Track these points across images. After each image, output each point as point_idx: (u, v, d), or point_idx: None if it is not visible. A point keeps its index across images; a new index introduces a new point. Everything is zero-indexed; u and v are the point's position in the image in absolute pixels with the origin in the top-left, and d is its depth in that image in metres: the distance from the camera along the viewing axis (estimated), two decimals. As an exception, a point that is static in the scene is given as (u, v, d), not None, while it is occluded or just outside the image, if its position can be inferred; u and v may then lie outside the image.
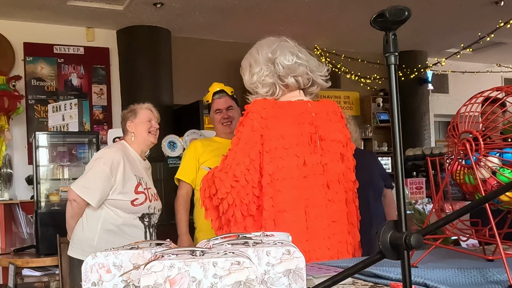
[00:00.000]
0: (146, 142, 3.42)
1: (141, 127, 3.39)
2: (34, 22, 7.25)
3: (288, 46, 2.25)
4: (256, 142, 2.10)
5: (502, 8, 7.36)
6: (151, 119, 3.43)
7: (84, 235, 3.26)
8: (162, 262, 0.97)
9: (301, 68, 2.23)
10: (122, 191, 3.22)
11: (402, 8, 0.98)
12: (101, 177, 3.20)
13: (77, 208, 3.27)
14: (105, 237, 3.21)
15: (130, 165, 3.30)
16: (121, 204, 3.23)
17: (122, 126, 3.49)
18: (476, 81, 10.12)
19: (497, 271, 1.37)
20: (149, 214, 3.32)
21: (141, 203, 3.26)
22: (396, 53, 1.00)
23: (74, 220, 3.31)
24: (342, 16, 7.60)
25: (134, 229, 3.26)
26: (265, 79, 2.23)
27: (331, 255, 2.12)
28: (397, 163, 0.98)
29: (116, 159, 3.23)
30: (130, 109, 3.48)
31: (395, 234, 0.99)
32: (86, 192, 3.22)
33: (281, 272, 1.13)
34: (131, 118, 3.41)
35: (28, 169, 6.42)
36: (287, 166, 2.11)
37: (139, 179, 3.30)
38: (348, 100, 9.92)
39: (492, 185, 1.41)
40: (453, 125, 1.49)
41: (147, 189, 3.33)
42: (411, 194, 5.96)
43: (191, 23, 7.64)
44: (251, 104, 2.18)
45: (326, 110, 2.28)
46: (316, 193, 2.16)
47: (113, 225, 3.23)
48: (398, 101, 1.00)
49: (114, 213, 3.24)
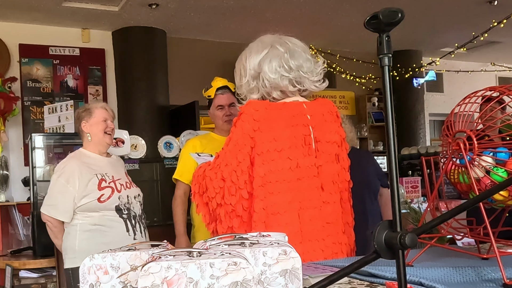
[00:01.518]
0: (102, 143, 3.35)
1: (96, 128, 3.33)
2: (29, 23, 7.24)
3: (277, 54, 2.21)
4: (245, 144, 2.11)
5: (495, 7, 7.40)
6: (107, 118, 3.36)
7: (66, 244, 3.25)
8: (160, 263, 0.98)
9: (286, 81, 2.20)
10: (85, 194, 3.18)
11: (395, 10, 0.99)
12: (60, 190, 3.19)
13: (54, 227, 3.26)
14: (85, 238, 3.19)
15: (87, 167, 3.25)
16: (88, 206, 3.18)
17: (77, 126, 3.42)
18: (470, 80, 10.16)
19: (491, 269, 1.38)
20: (124, 204, 3.26)
21: (109, 197, 3.20)
22: (390, 55, 1.01)
23: (58, 239, 3.30)
24: (337, 16, 7.61)
25: (112, 223, 3.20)
26: (251, 93, 2.25)
27: (325, 256, 2.11)
28: (392, 163, 0.99)
29: (69, 168, 3.22)
30: (84, 108, 3.41)
31: (390, 233, 1.00)
32: (52, 210, 3.21)
33: (277, 272, 1.14)
34: (85, 118, 3.34)
35: (25, 171, 6.39)
36: (280, 168, 2.11)
37: (101, 176, 3.24)
38: (344, 99, 9.95)
39: (486, 184, 1.42)
40: (447, 124, 1.50)
41: (113, 182, 3.27)
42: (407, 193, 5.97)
43: (187, 24, 7.64)
44: (245, 105, 2.19)
45: (322, 111, 2.27)
46: (310, 195, 2.16)
47: (90, 225, 3.20)
48: (392, 102, 1.01)
49: (87, 216, 3.20)
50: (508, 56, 10.35)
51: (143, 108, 7.49)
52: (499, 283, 1.30)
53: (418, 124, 9.83)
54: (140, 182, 4.85)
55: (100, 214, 3.20)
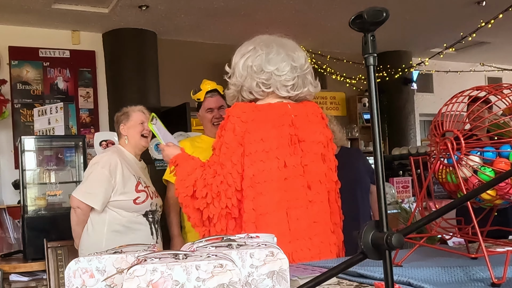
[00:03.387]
0: (139, 145, 3.45)
1: (133, 130, 3.41)
2: (19, 25, 7.20)
3: (267, 53, 2.23)
4: (238, 146, 2.12)
5: (484, 8, 7.45)
6: (144, 121, 3.42)
7: (91, 240, 3.27)
8: (145, 266, 0.97)
9: (274, 78, 2.22)
10: (123, 191, 3.24)
11: (380, 9, 0.98)
12: (101, 180, 3.22)
13: (82, 215, 3.27)
14: (112, 238, 3.21)
15: (127, 165, 3.32)
16: (124, 204, 3.25)
17: (116, 129, 3.50)
18: (460, 80, 10.20)
19: (480, 269, 1.38)
20: (152, 211, 3.35)
21: (143, 201, 3.28)
22: (374, 54, 1.01)
23: (80, 227, 3.32)
24: (327, 17, 7.62)
25: (140, 226, 3.29)
26: (242, 90, 2.28)
27: (312, 255, 2.12)
28: (377, 165, 0.99)
29: (113, 161, 3.26)
30: (123, 111, 3.49)
31: (377, 234, 0.99)
32: (89, 197, 3.23)
33: (264, 274, 1.14)
34: (124, 121, 3.43)
35: (15, 174, 6.36)
36: (268, 168, 2.13)
37: (137, 178, 3.32)
38: (334, 100, 9.96)
39: (474, 183, 1.42)
40: (435, 124, 1.50)
41: (147, 187, 3.36)
42: (398, 193, 5.99)
43: (177, 25, 7.63)
44: (232, 108, 2.20)
45: (306, 112, 2.28)
46: (297, 194, 2.17)
47: (119, 225, 3.25)
48: (377, 102, 1.00)
49: (118, 213, 3.26)
50: (497, 56, 10.41)
51: (134, 110, 7.45)
52: (487, 283, 1.30)
53: (409, 124, 9.86)
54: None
55: (132, 214, 3.27)
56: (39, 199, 4.64)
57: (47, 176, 4.79)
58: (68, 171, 4.92)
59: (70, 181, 4.83)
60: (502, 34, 8.76)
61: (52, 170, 4.84)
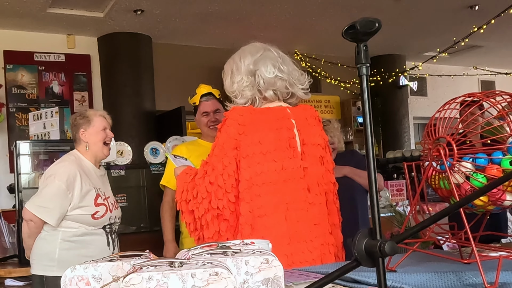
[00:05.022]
0: (100, 154, 3.24)
1: (95, 137, 3.20)
2: (14, 30, 7.20)
3: (271, 57, 2.27)
4: (231, 148, 2.14)
5: (476, 12, 7.52)
6: (106, 127, 3.24)
7: (43, 250, 3.13)
8: (141, 275, 0.98)
9: (281, 82, 2.25)
10: (81, 206, 3.08)
11: (372, 20, 1.00)
12: (57, 194, 3.04)
13: (34, 228, 3.12)
14: (66, 247, 3.09)
15: (86, 177, 3.13)
16: (81, 218, 3.10)
17: (74, 133, 3.25)
18: (453, 84, 10.26)
19: (472, 273, 1.39)
20: (110, 223, 3.20)
21: (102, 215, 3.12)
22: (367, 64, 1.02)
23: (32, 239, 3.17)
24: (321, 21, 7.65)
25: (96, 237, 3.14)
26: (244, 90, 2.26)
27: (313, 257, 2.14)
28: (370, 172, 1.00)
29: (71, 173, 3.07)
30: (82, 115, 3.26)
31: (370, 241, 1.01)
32: (44, 212, 3.07)
33: (259, 281, 1.15)
34: (84, 126, 3.20)
35: (10, 178, 6.36)
36: (265, 171, 2.14)
37: (97, 191, 3.15)
38: (329, 104, 9.98)
39: (466, 189, 1.43)
40: (428, 131, 1.51)
41: (106, 199, 3.19)
42: (392, 196, 6.00)
43: (172, 30, 7.64)
44: (230, 111, 2.21)
45: (305, 115, 2.31)
46: (297, 196, 2.18)
47: (74, 235, 3.11)
48: (370, 111, 1.02)
49: (73, 225, 3.11)
50: (490, 60, 10.47)
51: (129, 114, 7.46)
52: (479, 288, 1.31)
53: (403, 128, 9.90)
54: (127, 188, 4.86)
55: (87, 227, 3.12)
56: (34, 203, 4.62)
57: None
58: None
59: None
60: (494, 38, 8.81)
61: (47, 174, 4.83)
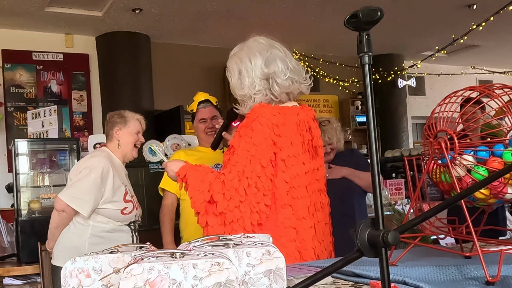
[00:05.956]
0: (129, 155, 3.35)
1: (128, 138, 3.32)
2: (12, 29, 7.19)
3: (280, 57, 2.14)
4: (269, 149, 2.02)
5: (474, 11, 7.52)
6: (139, 131, 3.36)
7: (72, 243, 3.19)
8: (142, 265, 0.97)
9: (294, 84, 2.14)
10: (112, 200, 3.18)
11: (374, 8, 0.99)
12: (92, 187, 3.12)
13: (66, 218, 3.19)
14: (95, 243, 3.15)
15: (117, 173, 3.24)
16: (111, 213, 3.19)
17: (108, 129, 3.36)
18: (451, 83, 10.26)
19: (474, 267, 1.39)
20: (134, 221, 3.31)
21: (130, 212, 3.24)
22: (370, 53, 1.01)
23: (59, 230, 3.23)
24: (319, 20, 7.65)
25: (122, 234, 3.24)
26: (257, 94, 2.12)
27: (327, 256, 2.17)
28: (373, 163, 1.00)
29: (105, 168, 3.17)
30: (120, 114, 3.36)
31: (373, 232, 1.00)
32: (78, 203, 3.13)
33: (261, 272, 1.14)
34: (119, 125, 3.31)
35: (8, 177, 6.35)
36: (300, 174, 2.09)
37: (126, 187, 3.26)
38: (327, 103, 9.99)
39: (467, 183, 1.43)
40: (428, 125, 1.51)
41: (133, 197, 3.30)
42: (391, 195, 5.98)
43: (171, 29, 7.63)
44: (259, 108, 2.06)
45: (310, 116, 2.26)
46: (316, 198, 2.19)
47: (103, 231, 3.20)
48: (373, 101, 1.01)
49: (103, 220, 3.20)
50: (488, 59, 10.49)
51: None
52: (481, 281, 1.31)
53: (401, 127, 9.90)
54: (126, 187, 4.84)
55: (115, 222, 3.22)
56: (33, 202, 4.62)
57: (40, 179, 4.77)
58: (62, 174, 4.89)
59: (63, 184, 4.78)
60: (492, 38, 8.82)
61: (46, 173, 4.82)
